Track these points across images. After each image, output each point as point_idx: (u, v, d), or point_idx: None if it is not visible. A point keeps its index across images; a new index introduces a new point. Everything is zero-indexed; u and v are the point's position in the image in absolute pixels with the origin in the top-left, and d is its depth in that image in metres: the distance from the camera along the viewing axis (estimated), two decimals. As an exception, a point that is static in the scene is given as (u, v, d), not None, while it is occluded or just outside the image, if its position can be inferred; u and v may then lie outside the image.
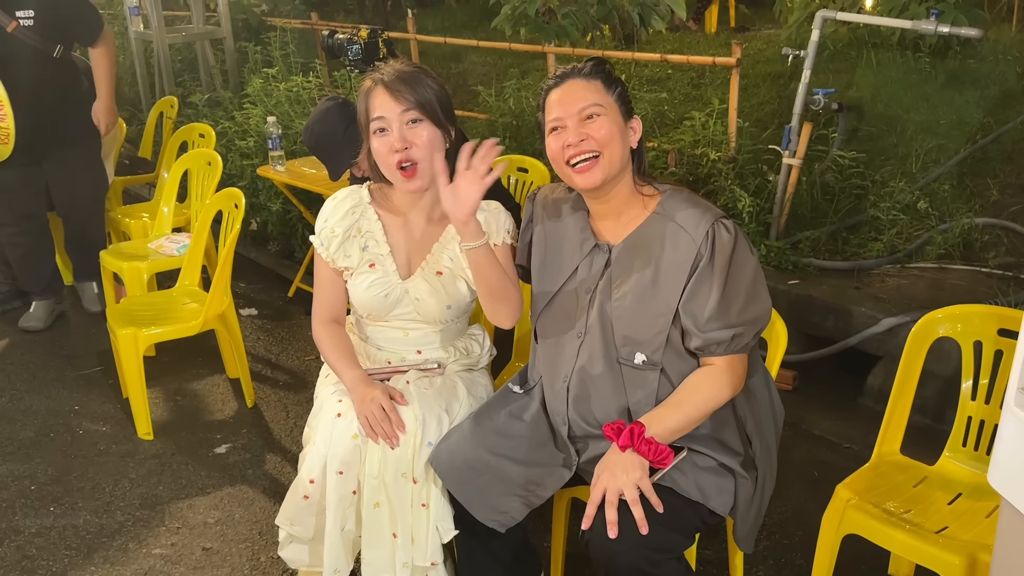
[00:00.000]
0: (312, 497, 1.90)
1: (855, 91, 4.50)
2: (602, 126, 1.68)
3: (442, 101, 1.89)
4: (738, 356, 1.67)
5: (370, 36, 3.27)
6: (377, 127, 1.88)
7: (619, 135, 1.69)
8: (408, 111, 1.85)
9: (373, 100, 1.87)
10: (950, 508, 1.83)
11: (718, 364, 1.66)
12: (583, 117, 1.68)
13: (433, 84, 1.89)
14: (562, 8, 4.37)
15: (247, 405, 3.11)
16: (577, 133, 1.68)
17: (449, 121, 1.92)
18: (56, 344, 3.66)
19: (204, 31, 5.67)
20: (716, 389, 1.66)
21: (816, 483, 2.57)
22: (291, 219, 4.26)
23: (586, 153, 1.68)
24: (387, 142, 1.86)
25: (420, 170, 1.87)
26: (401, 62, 1.93)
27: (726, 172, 3.47)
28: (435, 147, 1.87)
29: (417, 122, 1.86)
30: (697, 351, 1.67)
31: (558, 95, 1.72)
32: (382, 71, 1.90)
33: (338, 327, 2.07)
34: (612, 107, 1.70)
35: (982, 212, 3.47)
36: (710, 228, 1.64)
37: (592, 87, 1.70)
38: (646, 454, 1.59)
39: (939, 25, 3.08)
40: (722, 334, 1.63)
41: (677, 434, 1.65)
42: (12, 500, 2.62)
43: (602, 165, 1.68)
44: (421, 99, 1.85)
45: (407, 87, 1.84)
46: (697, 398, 1.66)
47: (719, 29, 7.21)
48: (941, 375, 2.71)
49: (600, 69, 1.73)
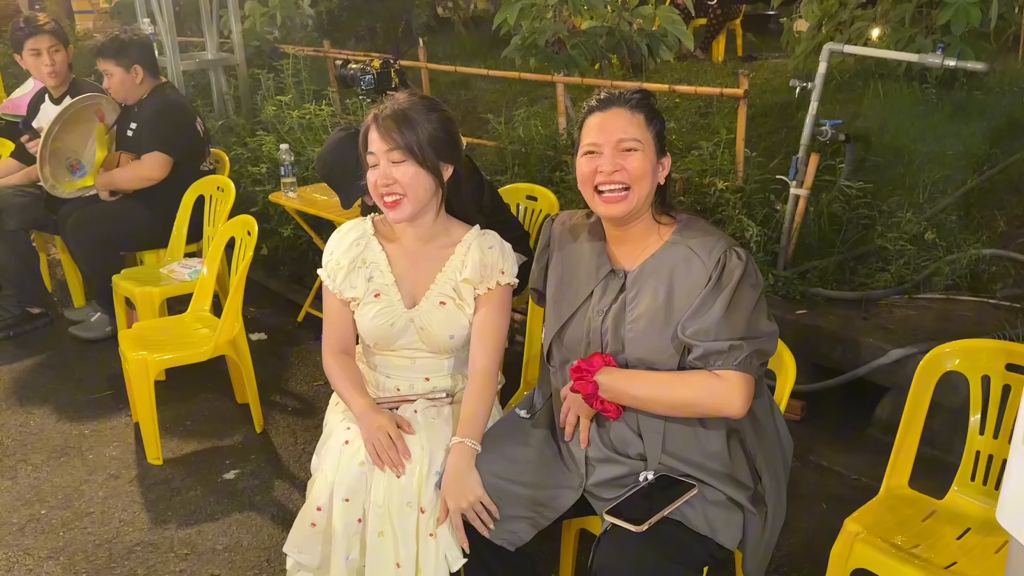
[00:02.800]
0: (319, 525, 1.91)
1: (862, 121, 4.53)
2: (637, 161, 1.70)
3: (436, 140, 1.93)
4: (740, 375, 1.63)
5: (382, 66, 3.32)
6: (370, 161, 1.96)
7: (650, 172, 1.72)
8: (392, 150, 1.91)
9: (369, 134, 1.95)
10: (959, 543, 1.83)
11: (722, 375, 1.65)
12: (621, 148, 1.70)
13: (428, 125, 1.93)
14: (572, 39, 4.42)
15: (256, 431, 3.13)
16: (612, 163, 1.70)
17: (443, 159, 1.96)
18: (67, 368, 3.69)
19: (218, 58, 5.74)
20: (705, 392, 1.64)
21: (825, 515, 2.56)
22: (301, 244, 4.30)
23: (616, 184, 1.70)
24: (375, 174, 1.95)
25: (402, 203, 1.94)
26: (406, 95, 1.98)
27: (734, 202, 3.49)
28: (419, 184, 1.93)
29: (400, 162, 1.91)
30: (697, 362, 1.67)
31: (599, 120, 1.73)
32: (383, 106, 1.96)
33: (347, 357, 2.10)
34: (649, 143, 1.72)
35: (989, 243, 3.48)
36: (722, 255, 1.67)
37: (635, 120, 1.72)
38: (585, 395, 1.71)
39: (945, 59, 3.11)
40: (720, 344, 1.63)
41: (634, 401, 1.71)
42: (23, 523, 2.64)
43: (629, 200, 1.71)
44: (407, 141, 1.91)
45: (396, 127, 1.90)
46: (678, 386, 1.66)
47: (726, 58, 7.28)
48: (949, 407, 2.70)
49: (645, 103, 1.74)
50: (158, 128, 3.65)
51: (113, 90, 3.70)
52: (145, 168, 3.64)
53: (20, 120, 4.22)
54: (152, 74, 3.71)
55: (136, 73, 3.64)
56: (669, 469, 1.72)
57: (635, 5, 4.53)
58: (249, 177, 4.43)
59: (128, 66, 3.62)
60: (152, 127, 3.66)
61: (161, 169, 3.64)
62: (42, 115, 4.04)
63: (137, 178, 3.67)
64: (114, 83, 3.66)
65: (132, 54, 3.62)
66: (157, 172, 3.64)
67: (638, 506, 1.64)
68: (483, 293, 2.00)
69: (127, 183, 3.70)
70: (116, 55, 3.60)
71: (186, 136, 3.73)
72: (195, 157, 3.79)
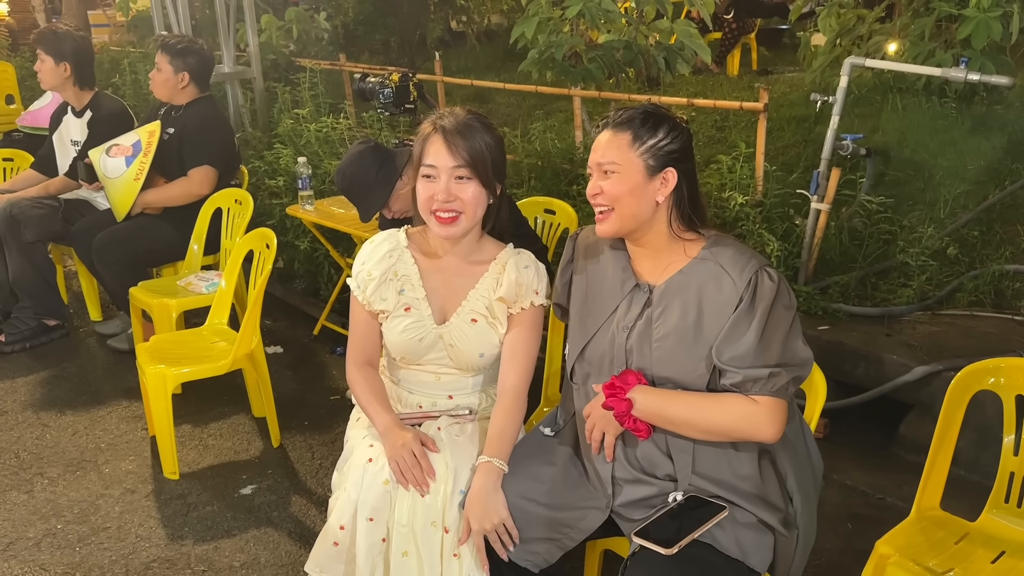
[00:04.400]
0: (342, 544, 1.88)
1: (881, 136, 4.50)
2: (612, 184, 1.70)
3: (494, 156, 1.91)
4: (776, 401, 1.62)
5: (401, 80, 3.32)
6: (426, 173, 1.90)
7: (633, 191, 1.69)
8: (459, 167, 1.87)
9: (429, 146, 1.89)
10: (994, 567, 1.79)
11: (758, 400, 1.63)
12: (602, 171, 1.72)
13: (489, 139, 1.91)
14: (589, 52, 4.42)
15: (272, 445, 3.11)
16: (594, 186, 1.73)
17: (497, 177, 1.94)
18: (83, 381, 3.68)
19: (235, 71, 5.77)
20: (741, 417, 1.62)
21: (850, 536, 2.52)
22: (318, 257, 4.29)
23: (601, 206, 1.72)
24: (431, 188, 1.89)
25: (459, 220, 1.90)
26: (464, 111, 1.94)
27: (754, 216, 3.46)
28: (480, 203, 1.90)
29: (465, 179, 1.88)
30: (734, 388, 1.64)
31: (596, 142, 1.76)
32: (444, 118, 1.91)
33: (372, 370, 2.07)
34: (632, 163, 1.69)
35: (1012, 259, 3.44)
36: (754, 275, 1.64)
37: (616, 141, 1.71)
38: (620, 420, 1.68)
39: (969, 73, 3.09)
40: (759, 371, 1.61)
41: (668, 424, 1.67)
42: (39, 538, 2.62)
43: (613, 219, 1.72)
44: (474, 157, 1.87)
45: (463, 141, 1.86)
46: (715, 410, 1.64)
47: (741, 72, 7.27)
48: (975, 426, 2.66)
49: (632, 123, 1.70)
50: (203, 141, 3.67)
51: (154, 84, 3.76)
52: (195, 184, 3.66)
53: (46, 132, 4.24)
54: (199, 86, 3.76)
55: (183, 79, 3.70)
56: (698, 490, 1.69)
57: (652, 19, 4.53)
58: (266, 190, 4.44)
59: (179, 68, 3.68)
60: (199, 140, 3.68)
61: (210, 184, 3.67)
62: (64, 127, 4.06)
63: (186, 194, 3.69)
64: (159, 78, 3.73)
65: (188, 60, 3.69)
66: (207, 188, 3.67)
67: (667, 528, 1.61)
68: (516, 313, 1.98)
69: (176, 200, 3.71)
70: (174, 54, 3.68)
71: (228, 150, 3.78)
72: (231, 172, 3.82)
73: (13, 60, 8.39)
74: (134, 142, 3.71)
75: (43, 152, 4.18)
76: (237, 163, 3.90)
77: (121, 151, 3.70)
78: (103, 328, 4.13)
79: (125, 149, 3.70)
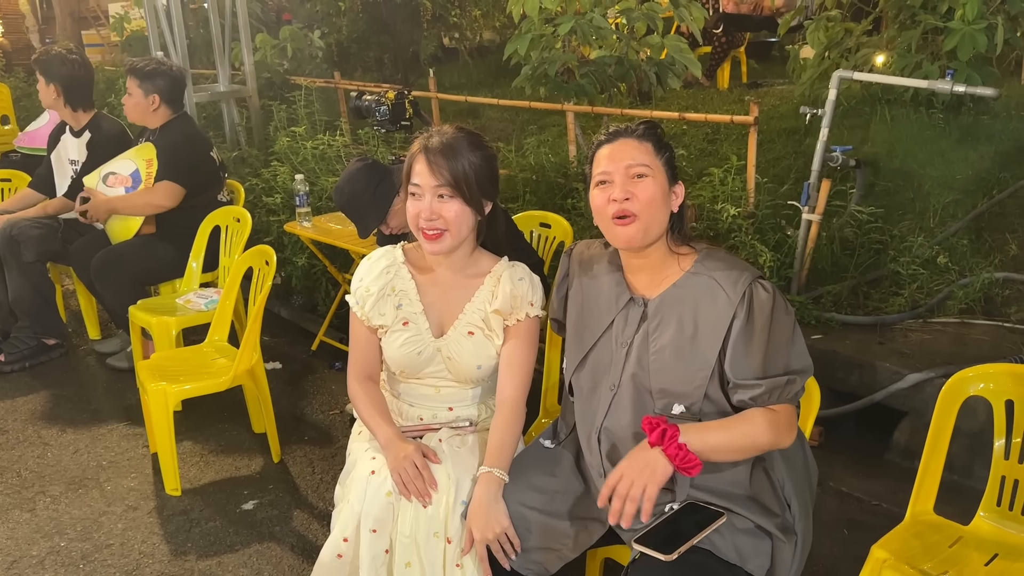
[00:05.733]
0: (346, 556, 1.91)
1: (870, 147, 4.56)
2: (647, 187, 1.72)
3: (480, 175, 1.94)
4: (791, 407, 1.70)
5: (397, 98, 3.37)
6: (412, 191, 1.95)
7: (662, 199, 1.74)
8: (440, 186, 1.91)
9: (415, 164, 1.94)
10: (987, 569, 1.82)
11: (776, 409, 1.68)
12: (631, 175, 1.73)
13: (475, 158, 1.93)
14: (581, 68, 4.47)
15: (273, 460, 3.13)
16: (623, 190, 1.72)
17: (485, 195, 1.97)
18: (83, 399, 3.70)
19: (230, 90, 5.82)
20: (771, 430, 1.66)
21: (846, 542, 2.55)
22: (315, 273, 4.32)
23: (627, 212, 1.72)
24: (417, 206, 1.94)
25: (443, 237, 1.94)
26: (454, 129, 1.97)
27: (746, 227, 3.51)
28: (463, 221, 1.94)
29: (447, 197, 1.92)
30: (752, 401, 1.68)
31: (608, 151, 1.77)
32: (432, 137, 1.95)
33: (372, 384, 2.11)
34: (659, 170, 1.74)
35: (1001, 267, 3.49)
36: (747, 288, 1.68)
37: (643, 148, 1.75)
38: (673, 457, 1.60)
39: (955, 85, 3.14)
40: (778, 380, 1.66)
41: (714, 453, 1.64)
42: (42, 556, 2.63)
43: (638, 226, 1.72)
44: (455, 177, 1.90)
45: (445, 161, 1.90)
46: (748, 427, 1.67)
47: (731, 85, 7.34)
48: (967, 431, 2.70)
49: (652, 133, 1.77)
50: (172, 159, 3.69)
51: (127, 108, 3.79)
52: (157, 196, 3.67)
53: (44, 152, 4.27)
54: (171, 107, 3.77)
55: (153, 101, 3.71)
56: (695, 499, 1.72)
57: (643, 34, 4.58)
58: (263, 207, 4.47)
59: (148, 91, 3.70)
60: (167, 157, 3.70)
61: (172, 199, 3.67)
62: (61, 147, 4.09)
63: (147, 204, 3.69)
64: (130, 102, 3.75)
65: (156, 82, 3.70)
66: (168, 201, 3.67)
67: (666, 535, 1.64)
68: (512, 324, 2.02)
69: (138, 209, 3.72)
70: (142, 78, 3.70)
71: (201, 167, 3.77)
72: (212, 187, 3.83)
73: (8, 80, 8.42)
74: (132, 172, 3.73)
75: (41, 172, 4.21)
76: (220, 177, 3.89)
77: (120, 181, 3.73)
78: (102, 347, 4.15)
79: (124, 179, 3.73)
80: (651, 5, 4.43)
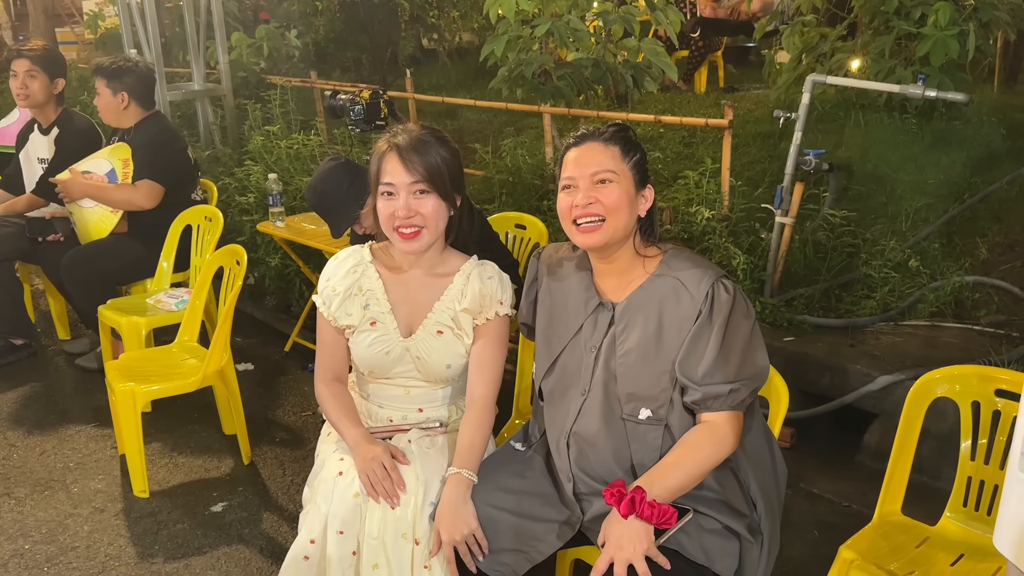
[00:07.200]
0: (312, 558, 1.89)
1: (844, 151, 4.60)
2: (611, 192, 1.72)
3: (451, 169, 1.94)
4: (735, 413, 1.69)
5: (371, 97, 3.34)
6: (385, 191, 1.92)
7: (627, 203, 1.73)
8: (417, 183, 1.89)
9: (385, 164, 1.92)
10: (953, 569, 1.83)
11: (716, 420, 1.68)
12: (595, 180, 1.73)
13: (445, 152, 1.93)
14: (558, 70, 4.47)
15: (243, 462, 3.09)
16: (587, 196, 1.72)
17: (456, 190, 1.97)
18: (51, 400, 3.64)
19: (205, 89, 5.76)
20: (717, 446, 1.67)
21: (816, 543, 2.57)
22: (289, 274, 4.29)
23: (592, 216, 1.72)
24: (392, 205, 1.91)
25: (421, 235, 1.92)
26: (418, 127, 1.97)
27: (720, 230, 3.52)
28: (440, 216, 1.93)
29: (424, 193, 1.90)
30: (694, 405, 1.69)
31: (575, 155, 1.76)
32: (398, 135, 1.94)
33: (340, 385, 2.09)
34: (625, 175, 1.74)
35: (972, 270, 3.53)
36: (711, 287, 1.68)
37: (609, 152, 1.74)
38: (650, 519, 1.59)
39: (926, 90, 3.17)
40: (719, 388, 1.65)
41: (678, 493, 1.66)
42: (6, 559, 2.58)
43: (605, 230, 1.72)
44: (431, 171, 1.89)
45: (419, 157, 1.89)
46: (698, 456, 1.67)
47: (708, 89, 7.38)
48: (937, 433, 2.73)
49: (620, 136, 1.77)
50: (149, 157, 3.64)
51: (100, 109, 3.73)
52: (138, 195, 3.61)
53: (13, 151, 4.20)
54: (142, 104, 3.71)
55: (122, 99, 3.65)
56: (663, 499, 1.71)
57: (620, 37, 4.59)
58: (236, 207, 4.43)
59: (116, 90, 3.64)
60: (143, 156, 3.65)
61: (153, 199, 3.62)
62: (31, 145, 4.03)
63: (126, 201, 3.64)
64: (100, 103, 3.70)
65: (124, 81, 3.64)
66: (148, 201, 3.62)
67: (634, 535, 1.63)
68: (482, 323, 2.00)
69: (115, 203, 3.67)
70: (109, 77, 3.63)
71: (177, 165, 3.73)
72: (187, 185, 3.79)
73: (-21, 77, 8.28)
74: (108, 171, 3.68)
75: (9, 171, 4.15)
76: (194, 176, 3.85)
77: (95, 180, 3.68)
78: (71, 347, 4.09)
79: (99, 179, 3.68)
80: (628, 8, 4.44)
